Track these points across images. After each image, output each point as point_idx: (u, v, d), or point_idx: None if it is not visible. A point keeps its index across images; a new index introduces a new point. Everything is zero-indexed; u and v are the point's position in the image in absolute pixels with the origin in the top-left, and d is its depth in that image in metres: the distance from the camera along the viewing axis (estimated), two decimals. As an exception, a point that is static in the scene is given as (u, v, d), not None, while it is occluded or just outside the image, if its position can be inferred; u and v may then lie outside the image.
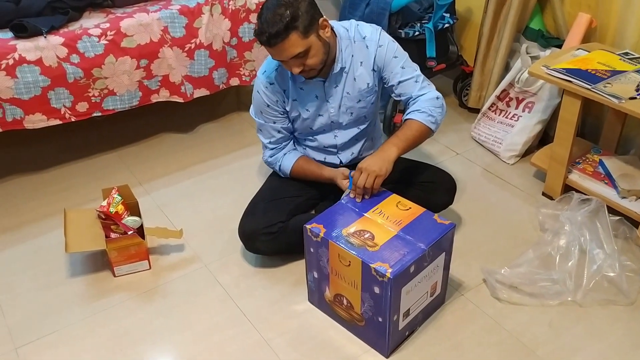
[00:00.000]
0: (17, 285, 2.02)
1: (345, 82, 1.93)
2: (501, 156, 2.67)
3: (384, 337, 1.68)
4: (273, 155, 2.08)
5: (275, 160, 2.08)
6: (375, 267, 1.56)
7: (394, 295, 1.58)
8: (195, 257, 2.13)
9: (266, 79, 1.93)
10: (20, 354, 1.77)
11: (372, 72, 1.94)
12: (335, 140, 2.05)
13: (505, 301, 1.91)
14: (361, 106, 1.99)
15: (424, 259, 1.63)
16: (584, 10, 2.45)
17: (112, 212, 2.04)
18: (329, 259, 1.71)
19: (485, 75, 2.85)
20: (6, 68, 2.21)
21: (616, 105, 1.97)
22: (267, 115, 1.99)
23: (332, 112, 1.98)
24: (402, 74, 1.92)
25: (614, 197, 2.20)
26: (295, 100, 1.95)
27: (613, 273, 1.93)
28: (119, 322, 1.87)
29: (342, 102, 1.96)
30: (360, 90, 1.95)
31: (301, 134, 2.07)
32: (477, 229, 2.24)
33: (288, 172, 2.06)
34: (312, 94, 1.94)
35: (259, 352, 1.76)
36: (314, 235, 1.70)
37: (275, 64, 1.90)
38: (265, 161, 2.12)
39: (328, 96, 1.95)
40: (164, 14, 2.50)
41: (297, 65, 1.75)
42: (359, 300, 1.68)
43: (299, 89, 1.93)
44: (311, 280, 1.85)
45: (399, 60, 1.92)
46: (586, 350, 1.76)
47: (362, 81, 1.95)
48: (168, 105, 2.78)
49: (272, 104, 1.95)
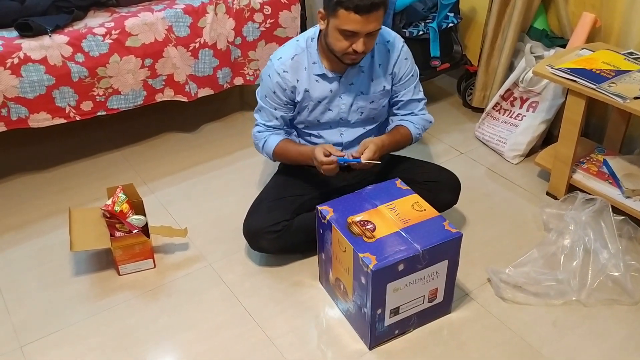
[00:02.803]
0: (22, 284, 2.03)
1: (361, 81, 1.94)
2: (505, 156, 2.66)
3: (367, 329, 1.71)
4: (261, 131, 2.04)
5: (261, 136, 2.03)
6: (362, 257, 1.59)
7: (376, 289, 1.61)
8: (200, 255, 2.13)
9: (281, 65, 1.91)
10: (25, 352, 1.78)
11: (389, 77, 1.96)
12: (341, 139, 2.04)
13: (509, 301, 1.91)
14: (372, 107, 2.00)
15: (417, 260, 1.63)
16: (588, 9, 2.45)
17: (117, 211, 2.04)
18: (331, 242, 1.76)
19: (489, 75, 2.85)
20: (11, 67, 2.22)
21: (621, 105, 1.97)
22: (270, 100, 1.97)
23: (343, 109, 1.98)
24: (414, 93, 2.02)
25: (618, 196, 2.19)
26: (308, 92, 1.93)
27: (617, 273, 1.93)
28: (124, 321, 1.88)
29: (354, 100, 1.97)
30: (375, 92, 1.97)
31: (307, 127, 2.05)
32: (481, 229, 2.24)
33: (271, 150, 2.01)
34: (326, 87, 1.93)
35: (263, 350, 1.77)
36: (322, 217, 1.77)
37: (292, 52, 1.90)
38: (253, 134, 2.08)
39: (341, 92, 1.95)
40: (168, 13, 2.51)
41: (365, 42, 1.75)
42: (352, 287, 1.72)
43: (314, 80, 1.92)
44: (320, 261, 1.92)
45: (414, 79, 2.01)
46: (590, 350, 1.75)
47: (379, 83, 1.96)
48: (172, 105, 2.78)
49: (280, 91, 1.93)
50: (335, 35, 1.76)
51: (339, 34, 1.74)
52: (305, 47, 1.91)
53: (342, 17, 1.69)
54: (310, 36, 1.92)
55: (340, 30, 1.73)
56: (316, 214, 1.81)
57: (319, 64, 1.90)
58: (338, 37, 1.75)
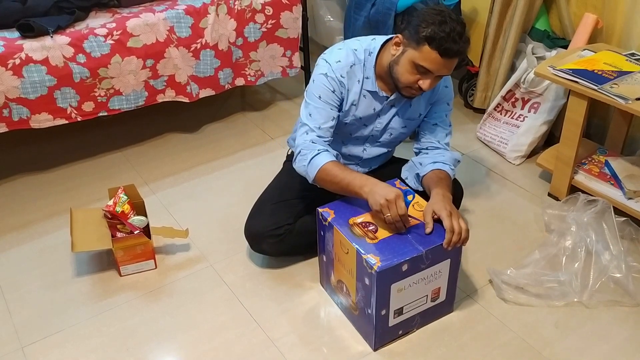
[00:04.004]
0: (23, 284, 2.03)
1: (402, 105, 1.91)
2: (507, 157, 2.66)
3: (372, 330, 1.71)
4: (315, 142, 1.80)
5: (314, 147, 1.79)
6: (366, 258, 1.59)
7: (381, 290, 1.60)
8: (201, 256, 2.13)
9: (339, 70, 1.83)
10: (26, 352, 1.78)
11: (428, 105, 1.94)
12: (362, 154, 2.02)
13: (511, 302, 1.91)
14: (403, 132, 1.98)
15: (420, 260, 1.63)
16: (590, 10, 2.45)
17: (119, 212, 2.04)
18: (333, 244, 1.75)
19: (490, 76, 2.85)
20: (13, 67, 2.22)
21: (622, 106, 1.97)
22: (328, 100, 1.84)
23: (377, 127, 1.95)
24: (442, 120, 1.96)
25: (620, 198, 2.19)
26: (354, 105, 1.88)
27: (619, 274, 1.93)
28: (125, 322, 1.88)
29: (390, 121, 1.94)
30: (410, 117, 1.94)
31: (335, 134, 1.95)
32: (483, 230, 2.24)
33: (320, 166, 1.77)
34: (372, 104, 1.89)
35: (264, 351, 1.77)
36: (323, 219, 1.76)
37: (351, 61, 1.83)
38: (302, 143, 1.82)
39: (383, 112, 1.92)
40: (170, 14, 2.51)
41: (432, 83, 1.72)
42: (355, 289, 1.72)
43: (362, 96, 1.87)
44: (321, 263, 1.91)
45: (449, 108, 1.97)
46: (592, 351, 1.75)
47: (416, 110, 1.93)
48: (173, 105, 2.79)
49: (338, 92, 1.84)
50: (408, 67, 1.71)
51: (412, 67, 1.70)
52: (363, 60, 1.84)
53: (424, 53, 1.66)
54: (369, 50, 1.85)
55: (415, 64, 1.69)
56: (317, 216, 1.81)
57: (372, 81, 1.85)
58: (410, 69, 1.71)
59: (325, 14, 3.39)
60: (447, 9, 1.68)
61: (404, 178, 1.97)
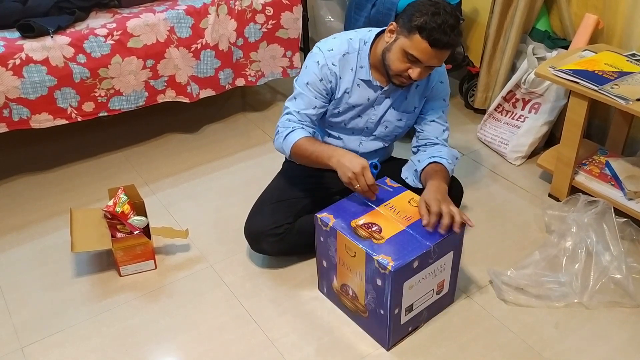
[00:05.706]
0: (23, 285, 2.03)
1: (397, 97, 1.92)
2: (507, 157, 2.66)
3: (385, 330, 1.71)
4: (291, 120, 1.87)
5: (289, 125, 1.86)
6: (377, 260, 1.58)
7: (395, 289, 1.60)
8: (201, 257, 2.13)
9: (331, 58, 1.85)
10: (26, 353, 1.78)
11: (422, 99, 1.95)
12: (359, 148, 2.02)
13: (511, 303, 1.91)
14: (398, 125, 1.98)
15: (428, 255, 1.64)
16: (590, 11, 2.45)
17: (118, 212, 2.04)
18: (336, 248, 1.74)
19: (491, 76, 2.85)
20: (13, 68, 2.22)
21: (623, 107, 1.97)
22: (313, 88, 1.87)
23: (372, 119, 1.95)
24: (439, 116, 1.97)
25: (620, 198, 2.19)
26: (347, 93, 1.89)
27: (619, 275, 1.92)
28: (125, 322, 1.87)
29: (385, 113, 1.94)
30: (406, 110, 1.95)
31: (331, 127, 2.00)
32: (483, 230, 2.23)
33: (294, 141, 1.83)
34: (365, 93, 1.90)
35: (264, 352, 1.76)
36: (324, 224, 1.74)
37: (344, 49, 1.85)
38: (280, 123, 1.90)
39: (377, 103, 1.92)
40: (170, 15, 2.51)
41: (421, 73, 1.73)
42: (363, 291, 1.71)
43: (356, 84, 1.89)
44: (321, 269, 1.88)
45: (445, 104, 1.98)
46: (592, 352, 1.75)
47: (411, 103, 1.94)
48: (174, 106, 2.79)
49: (326, 81, 1.86)
50: (398, 54, 1.73)
51: (402, 55, 1.72)
52: (358, 49, 1.86)
53: (415, 42, 1.67)
54: (364, 39, 1.87)
55: (405, 52, 1.70)
56: (315, 222, 1.78)
57: (367, 70, 1.86)
58: (400, 57, 1.73)
59: (326, 14, 3.39)
60: (443, 2, 1.68)
61: (404, 178, 1.98)
